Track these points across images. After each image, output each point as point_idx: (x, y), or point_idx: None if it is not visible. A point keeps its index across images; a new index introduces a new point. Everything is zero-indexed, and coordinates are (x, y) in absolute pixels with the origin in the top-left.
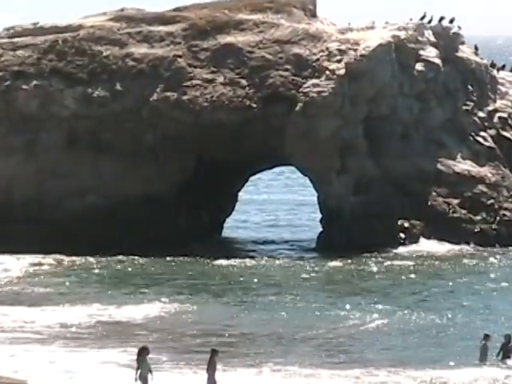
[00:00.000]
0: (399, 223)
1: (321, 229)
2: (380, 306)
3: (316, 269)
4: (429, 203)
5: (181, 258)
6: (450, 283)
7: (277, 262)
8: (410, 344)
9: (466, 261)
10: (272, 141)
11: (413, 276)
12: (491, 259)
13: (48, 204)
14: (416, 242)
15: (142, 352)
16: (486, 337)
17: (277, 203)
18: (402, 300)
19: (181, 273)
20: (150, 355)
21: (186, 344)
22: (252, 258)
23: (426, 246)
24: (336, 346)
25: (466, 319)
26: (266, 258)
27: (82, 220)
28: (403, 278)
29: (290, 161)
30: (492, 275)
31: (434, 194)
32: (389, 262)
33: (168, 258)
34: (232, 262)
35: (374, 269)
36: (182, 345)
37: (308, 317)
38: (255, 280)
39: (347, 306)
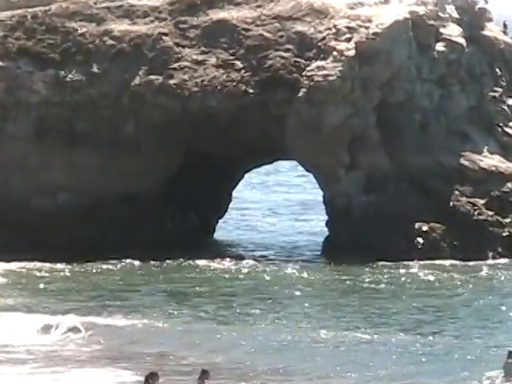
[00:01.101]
0: (416, 226)
1: (327, 233)
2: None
3: (315, 279)
4: (451, 204)
5: (165, 263)
6: (461, 300)
7: (271, 269)
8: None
9: (489, 272)
10: (271, 131)
11: (431, 292)
12: None
13: (14, 203)
14: (436, 247)
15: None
16: (511, 354)
17: (278, 203)
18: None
19: (162, 280)
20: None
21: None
22: (244, 264)
23: (447, 252)
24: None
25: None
26: (261, 265)
27: (53, 221)
28: (415, 293)
29: (291, 155)
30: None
31: (456, 193)
32: (402, 272)
33: (153, 262)
34: (221, 266)
35: (384, 281)
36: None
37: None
38: (241, 291)
39: (342, 333)
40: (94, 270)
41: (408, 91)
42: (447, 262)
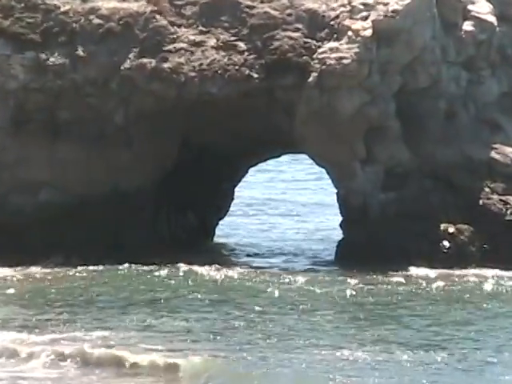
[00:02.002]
0: (442, 228)
1: (341, 235)
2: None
3: (326, 291)
4: (480, 202)
5: (157, 273)
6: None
7: (275, 279)
8: None
9: None
10: (278, 121)
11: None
12: None
13: None
14: (464, 252)
15: None
16: None
17: (287, 202)
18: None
19: (150, 290)
20: None
21: None
22: (245, 272)
23: (476, 257)
24: None
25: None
26: (262, 274)
27: (32, 221)
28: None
29: (301, 147)
30: None
31: (486, 190)
32: (424, 283)
33: (144, 268)
34: (221, 275)
35: (401, 292)
36: None
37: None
38: (237, 304)
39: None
40: (66, 276)
41: (432, 76)
42: (474, 271)
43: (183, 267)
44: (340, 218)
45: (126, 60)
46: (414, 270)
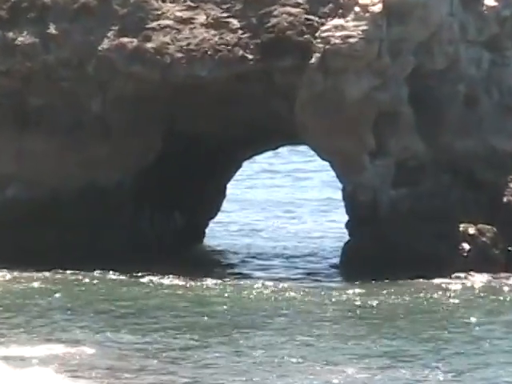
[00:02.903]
0: (461, 228)
1: (347, 237)
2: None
3: (328, 304)
4: (504, 199)
5: (133, 280)
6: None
7: (269, 288)
8: None
9: None
10: (276, 108)
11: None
12: None
13: None
14: (486, 255)
15: None
16: None
17: (286, 199)
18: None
19: (122, 299)
20: None
21: None
22: (236, 281)
23: (500, 261)
24: None
25: None
26: (258, 283)
27: None
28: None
29: (301, 138)
30: None
31: (511, 185)
32: (440, 292)
33: (123, 278)
34: (208, 284)
35: (414, 304)
36: None
37: None
38: (224, 319)
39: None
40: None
41: (450, 57)
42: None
43: (165, 278)
44: (346, 218)
45: (104, 39)
46: (429, 277)
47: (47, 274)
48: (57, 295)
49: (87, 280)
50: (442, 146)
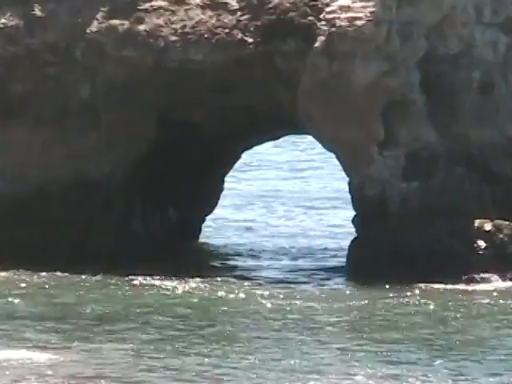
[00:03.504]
0: (477, 224)
1: (354, 234)
2: None
3: (331, 308)
4: None
5: (119, 282)
6: None
7: (267, 291)
8: None
9: None
10: (277, 95)
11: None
12: None
13: None
14: (503, 253)
15: None
16: None
17: (289, 193)
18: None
19: (109, 302)
20: None
21: None
22: (231, 284)
23: None
24: None
25: None
26: (256, 286)
27: None
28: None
29: (305, 127)
30: None
31: None
32: (456, 296)
33: (113, 281)
34: (198, 285)
35: (426, 308)
36: None
37: None
38: (216, 327)
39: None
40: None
41: (464, 40)
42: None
43: (154, 280)
44: (353, 213)
45: (93, 21)
46: (442, 278)
47: (28, 274)
48: (16, 301)
49: (68, 282)
50: (456, 135)
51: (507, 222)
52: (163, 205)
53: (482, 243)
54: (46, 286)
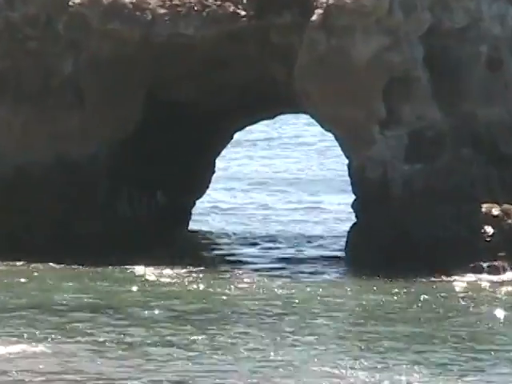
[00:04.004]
0: (484, 209)
1: (354, 219)
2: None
3: (328, 300)
4: None
5: (100, 272)
6: None
7: (261, 283)
8: None
9: None
10: (272, 72)
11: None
12: None
13: None
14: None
15: None
16: None
17: (284, 177)
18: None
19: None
20: None
21: None
22: (223, 274)
23: None
24: None
25: None
26: (248, 277)
27: None
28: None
29: (301, 106)
30: None
31: None
32: (462, 286)
33: (99, 270)
34: (191, 276)
35: (433, 301)
36: None
37: None
38: (208, 316)
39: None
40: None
41: (470, 13)
42: None
43: (137, 269)
44: (352, 197)
45: None
46: (447, 266)
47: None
48: None
49: (48, 272)
50: (462, 114)
51: None
52: (151, 188)
53: (489, 229)
54: (24, 275)
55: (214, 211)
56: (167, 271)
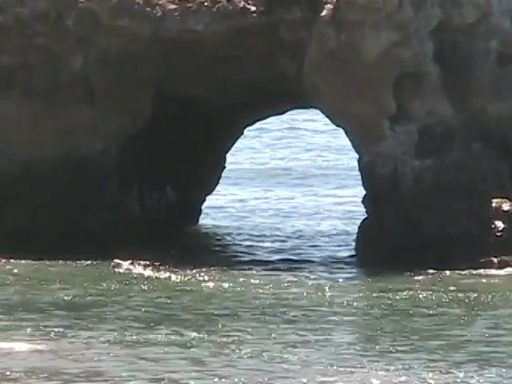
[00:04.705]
0: (494, 204)
1: (364, 214)
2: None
3: (338, 299)
4: None
5: (108, 269)
6: None
7: (271, 281)
8: None
9: None
10: (282, 67)
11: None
12: None
13: None
14: None
15: None
16: None
17: (295, 170)
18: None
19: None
20: None
21: None
22: (234, 271)
23: None
24: None
25: None
26: (259, 276)
27: None
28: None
29: (312, 101)
30: None
31: None
32: (474, 283)
33: (106, 266)
34: (200, 275)
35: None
36: None
37: None
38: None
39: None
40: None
41: (480, 8)
42: None
43: (143, 265)
44: (363, 192)
45: None
46: (457, 261)
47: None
48: None
49: (58, 268)
50: (473, 109)
51: None
52: (160, 184)
53: (500, 224)
54: (33, 272)
55: (221, 207)
56: (174, 268)
